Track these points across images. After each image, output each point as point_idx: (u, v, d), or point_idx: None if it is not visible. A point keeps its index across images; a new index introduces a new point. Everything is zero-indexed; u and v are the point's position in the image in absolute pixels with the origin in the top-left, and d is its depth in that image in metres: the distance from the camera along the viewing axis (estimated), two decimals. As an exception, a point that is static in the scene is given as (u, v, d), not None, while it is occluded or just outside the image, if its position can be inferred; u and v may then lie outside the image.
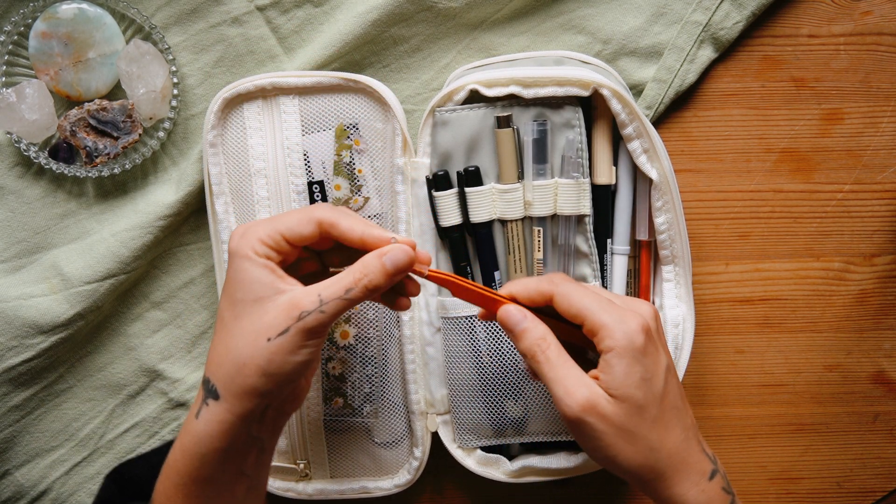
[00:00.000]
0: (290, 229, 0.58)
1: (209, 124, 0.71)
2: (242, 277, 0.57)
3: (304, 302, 0.55)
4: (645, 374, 0.56)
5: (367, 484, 0.74)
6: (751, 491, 0.78)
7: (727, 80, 0.75)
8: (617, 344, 0.56)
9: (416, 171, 0.71)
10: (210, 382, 0.57)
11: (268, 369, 0.55)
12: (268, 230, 0.58)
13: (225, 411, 0.56)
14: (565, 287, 0.59)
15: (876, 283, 0.76)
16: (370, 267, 0.57)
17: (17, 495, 0.76)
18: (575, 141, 0.69)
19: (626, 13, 0.73)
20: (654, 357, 0.57)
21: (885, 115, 0.75)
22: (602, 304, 0.57)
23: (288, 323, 0.55)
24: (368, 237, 0.58)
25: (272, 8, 0.74)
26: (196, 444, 0.56)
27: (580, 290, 0.58)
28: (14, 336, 0.72)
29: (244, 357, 0.55)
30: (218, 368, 0.57)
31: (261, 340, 0.55)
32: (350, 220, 0.59)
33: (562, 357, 0.57)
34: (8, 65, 0.73)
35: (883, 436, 0.77)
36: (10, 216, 0.75)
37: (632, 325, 0.56)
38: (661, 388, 0.57)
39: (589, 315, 0.57)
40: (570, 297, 0.58)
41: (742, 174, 0.76)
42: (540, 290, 0.59)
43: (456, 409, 0.73)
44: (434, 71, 0.75)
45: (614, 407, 0.55)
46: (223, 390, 0.56)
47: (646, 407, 0.56)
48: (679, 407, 0.58)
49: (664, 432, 0.57)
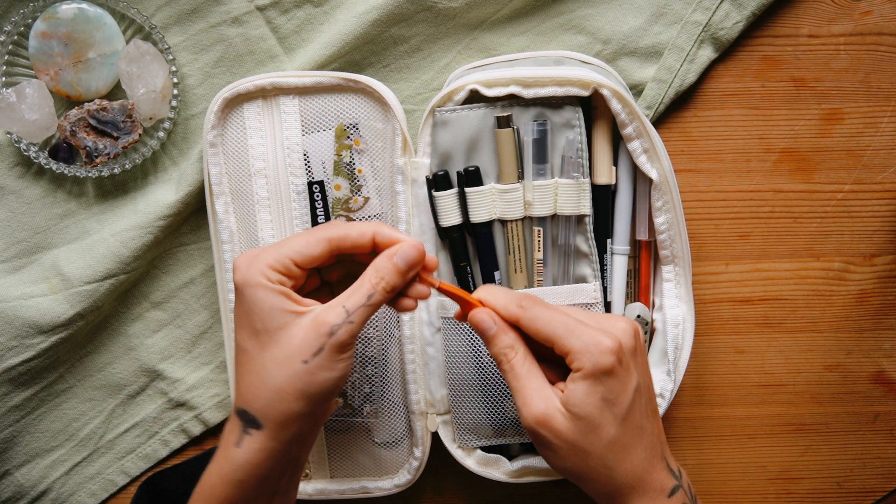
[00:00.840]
0: (300, 252, 0.58)
1: (209, 124, 0.71)
2: (260, 307, 0.56)
3: (331, 317, 0.56)
4: (607, 394, 0.56)
5: (367, 484, 0.74)
6: (751, 491, 0.78)
7: (727, 80, 0.75)
8: (582, 366, 0.56)
9: (416, 171, 0.71)
10: (248, 413, 0.56)
11: (308, 391, 0.56)
12: (276, 256, 0.57)
13: (269, 439, 0.56)
14: (531, 311, 0.58)
15: (876, 283, 0.76)
16: (384, 269, 0.58)
17: (17, 495, 0.76)
18: (575, 141, 0.69)
19: (626, 13, 0.73)
20: (622, 378, 0.57)
21: (885, 115, 0.75)
22: (569, 326, 0.57)
23: (320, 341, 0.55)
24: (379, 237, 0.59)
25: (272, 8, 0.74)
26: (237, 471, 0.56)
27: (546, 313, 0.58)
28: (14, 336, 0.72)
29: (281, 383, 0.56)
30: (255, 399, 0.56)
31: (296, 364, 0.55)
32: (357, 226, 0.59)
33: (525, 366, 0.58)
34: (8, 65, 0.73)
35: (883, 436, 0.77)
36: (10, 216, 0.75)
37: (600, 346, 0.56)
38: (625, 409, 0.57)
39: (556, 339, 0.57)
40: (536, 321, 0.58)
41: (742, 174, 0.76)
42: (507, 311, 0.59)
43: (456, 409, 0.73)
44: (434, 71, 0.75)
45: (569, 423, 0.56)
46: (264, 419, 0.56)
47: (602, 426, 0.56)
48: (643, 427, 0.58)
49: (622, 452, 0.57)
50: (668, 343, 0.71)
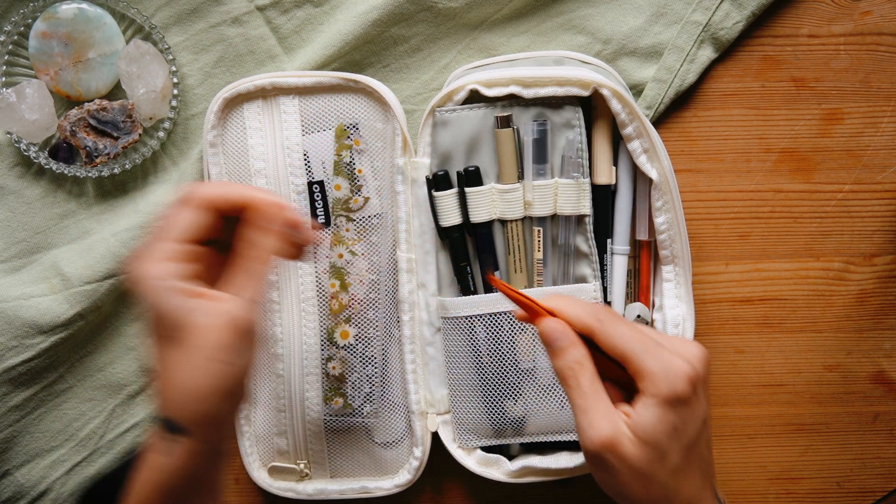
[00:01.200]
0: (184, 231, 0.54)
1: (209, 124, 0.71)
2: (158, 313, 0.54)
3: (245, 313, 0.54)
4: (679, 424, 0.54)
5: (367, 484, 0.74)
6: (751, 491, 0.78)
7: (727, 80, 0.75)
8: (659, 392, 0.53)
9: (416, 171, 0.71)
10: (173, 421, 0.54)
11: (227, 387, 0.54)
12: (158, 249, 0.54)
13: (198, 442, 0.54)
14: (609, 326, 0.55)
15: (876, 283, 0.76)
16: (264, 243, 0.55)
17: (17, 495, 0.76)
18: (575, 141, 0.69)
19: (626, 13, 0.73)
20: (694, 408, 0.55)
21: (885, 115, 0.75)
22: (647, 347, 0.54)
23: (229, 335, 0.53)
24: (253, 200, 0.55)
25: (272, 8, 0.74)
26: (170, 479, 0.55)
27: (624, 329, 0.55)
28: (14, 336, 0.72)
29: (201, 385, 0.53)
30: (178, 405, 0.54)
31: (212, 364, 0.53)
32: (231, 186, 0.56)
33: (594, 386, 0.55)
34: (8, 65, 0.73)
35: (883, 436, 0.77)
36: (10, 216, 0.75)
37: (678, 373, 0.54)
38: (693, 438, 0.55)
39: (633, 358, 0.54)
40: (613, 337, 0.55)
41: (742, 174, 0.76)
42: (582, 322, 0.56)
43: (456, 409, 0.73)
44: (434, 71, 0.75)
45: (636, 449, 0.53)
46: (190, 423, 0.54)
47: (669, 455, 0.54)
48: (704, 457, 0.56)
49: (682, 480, 0.55)
50: (668, 343, 0.71)
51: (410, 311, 0.72)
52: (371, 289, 0.72)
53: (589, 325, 0.55)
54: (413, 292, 0.72)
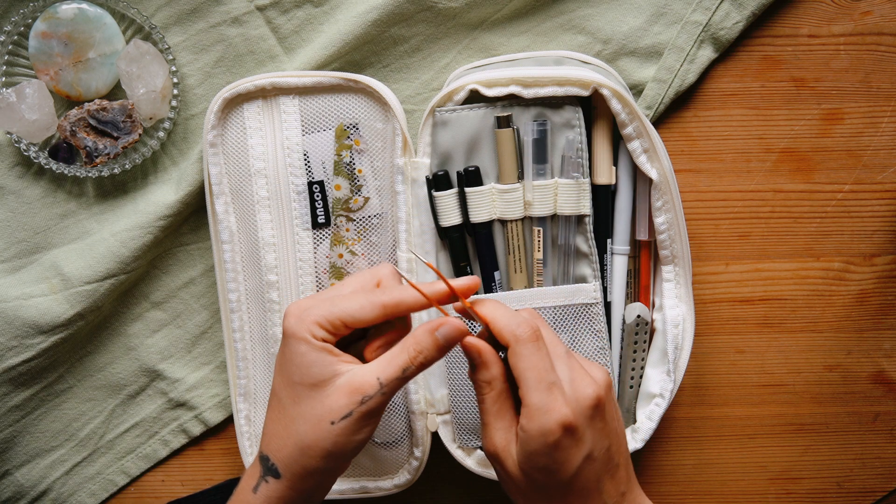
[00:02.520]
0: (352, 316, 0.58)
1: (209, 124, 0.71)
2: (301, 361, 0.58)
3: (366, 387, 0.57)
4: (551, 465, 0.56)
5: (367, 484, 0.74)
6: (751, 491, 0.78)
7: (727, 80, 0.75)
8: (530, 430, 0.56)
9: (416, 171, 0.71)
10: (270, 461, 0.58)
11: (332, 451, 0.57)
12: (326, 314, 0.58)
13: (286, 489, 0.58)
14: (520, 348, 0.57)
15: (876, 283, 0.76)
16: (423, 344, 0.58)
17: (17, 495, 0.76)
18: (575, 141, 0.69)
19: (626, 13, 0.73)
20: (569, 451, 0.56)
21: (885, 115, 0.75)
22: (540, 382, 0.56)
23: (351, 407, 0.57)
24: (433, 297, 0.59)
25: (272, 8, 0.74)
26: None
27: (532, 357, 0.57)
28: (14, 336, 0.72)
29: (308, 440, 0.57)
30: (279, 450, 0.58)
31: (324, 424, 0.57)
32: (410, 291, 0.59)
33: (497, 404, 0.58)
34: (8, 65, 0.73)
35: (883, 436, 0.77)
36: (10, 216, 0.75)
37: (553, 417, 0.55)
38: (569, 476, 0.56)
39: (522, 387, 0.56)
40: (517, 360, 0.57)
41: (742, 174, 0.76)
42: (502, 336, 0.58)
43: (456, 408, 0.73)
44: (434, 71, 0.75)
45: (517, 471, 0.57)
46: (285, 470, 0.58)
47: (546, 488, 0.57)
48: (591, 489, 0.57)
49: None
50: (668, 343, 0.71)
51: (410, 311, 0.72)
52: (371, 289, 0.72)
53: (506, 341, 0.58)
54: (413, 292, 0.72)
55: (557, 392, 0.56)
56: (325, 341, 0.58)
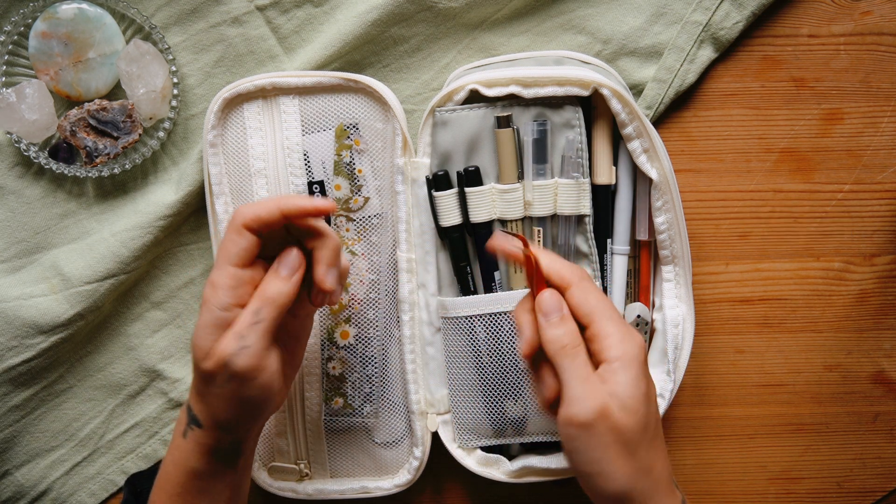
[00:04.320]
0: (231, 253, 0.58)
1: (209, 124, 0.71)
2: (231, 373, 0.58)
3: (226, 347, 0.57)
4: (648, 391, 0.56)
5: (367, 484, 0.74)
6: (751, 491, 0.78)
7: (727, 80, 0.75)
8: (625, 354, 0.55)
9: (416, 171, 0.71)
10: (192, 411, 0.60)
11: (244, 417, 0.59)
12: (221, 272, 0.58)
13: (211, 437, 0.60)
14: (585, 283, 0.58)
15: (876, 283, 0.76)
16: (267, 280, 0.59)
17: (17, 495, 0.76)
18: (575, 141, 0.69)
19: (626, 13, 0.73)
20: (650, 380, 0.57)
21: (885, 115, 0.75)
22: (612, 314, 0.57)
23: (219, 369, 0.57)
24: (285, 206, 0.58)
25: (272, 8, 0.74)
26: (188, 458, 0.60)
27: (597, 292, 0.58)
28: (14, 336, 0.72)
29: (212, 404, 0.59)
30: (197, 405, 0.60)
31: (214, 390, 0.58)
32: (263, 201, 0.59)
33: (588, 366, 0.56)
34: (8, 65, 0.73)
35: (883, 436, 0.77)
36: (10, 216, 0.75)
37: (637, 340, 0.56)
38: (656, 411, 0.57)
39: (598, 319, 0.56)
40: (587, 294, 0.57)
41: (742, 174, 0.76)
42: (561, 275, 0.58)
43: (456, 409, 0.73)
44: (434, 71, 0.75)
45: (625, 416, 0.54)
46: (205, 421, 0.60)
47: (648, 425, 0.55)
48: (662, 437, 0.58)
49: (655, 455, 0.56)
50: (668, 343, 0.71)
51: (410, 311, 0.72)
52: (371, 289, 0.72)
53: (568, 282, 0.57)
54: (413, 292, 0.72)
55: (628, 325, 0.57)
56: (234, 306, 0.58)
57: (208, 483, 0.61)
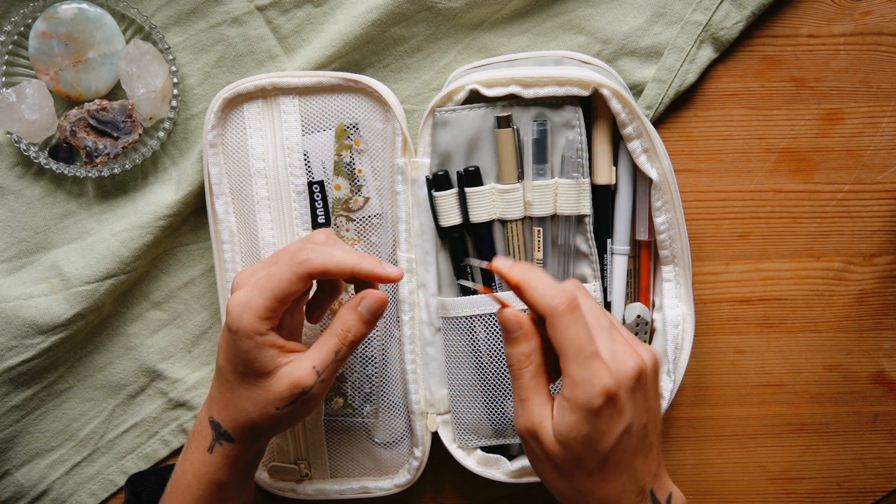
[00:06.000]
0: (283, 292, 0.60)
1: (209, 124, 0.71)
2: (246, 357, 0.61)
3: (304, 379, 0.61)
4: (593, 434, 0.55)
5: (367, 484, 0.74)
6: (751, 491, 0.78)
7: (727, 80, 0.75)
8: (575, 399, 0.55)
9: (416, 171, 0.71)
10: (222, 428, 0.62)
11: (280, 428, 0.63)
12: (264, 303, 0.60)
13: (240, 450, 0.63)
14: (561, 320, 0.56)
15: (876, 283, 0.76)
16: (348, 322, 0.62)
17: (17, 495, 0.76)
18: (575, 141, 0.69)
19: (626, 13, 0.73)
20: (610, 421, 0.55)
21: (885, 115, 0.75)
22: (581, 352, 0.55)
23: (294, 397, 0.61)
24: (358, 270, 0.62)
25: (272, 8, 0.74)
26: (213, 472, 0.63)
27: (572, 328, 0.56)
28: (14, 336, 0.72)
29: (255, 420, 0.62)
30: (230, 421, 0.62)
31: (270, 409, 0.61)
32: (337, 257, 0.61)
33: (535, 380, 0.58)
34: (8, 65, 0.73)
35: (883, 436, 0.77)
36: (10, 216, 0.75)
37: (595, 386, 0.55)
38: (608, 448, 0.56)
39: (563, 356, 0.56)
40: (557, 332, 0.56)
41: (742, 174, 0.76)
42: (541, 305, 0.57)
43: (456, 409, 0.73)
44: (434, 71, 0.75)
45: (554, 446, 0.56)
46: (237, 435, 0.62)
47: (584, 460, 0.56)
48: (626, 464, 0.57)
49: (599, 482, 0.57)
50: (668, 343, 0.71)
51: (410, 311, 0.72)
52: (371, 289, 0.72)
53: (542, 313, 0.57)
54: (413, 292, 0.72)
55: (599, 362, 0.55)
56: (269, 330, 0.60)
57: (231, 493, 0.63)
